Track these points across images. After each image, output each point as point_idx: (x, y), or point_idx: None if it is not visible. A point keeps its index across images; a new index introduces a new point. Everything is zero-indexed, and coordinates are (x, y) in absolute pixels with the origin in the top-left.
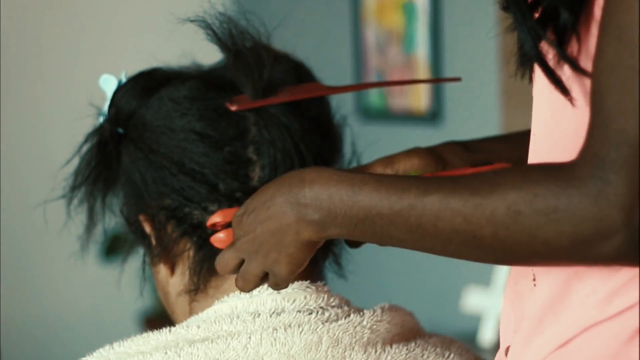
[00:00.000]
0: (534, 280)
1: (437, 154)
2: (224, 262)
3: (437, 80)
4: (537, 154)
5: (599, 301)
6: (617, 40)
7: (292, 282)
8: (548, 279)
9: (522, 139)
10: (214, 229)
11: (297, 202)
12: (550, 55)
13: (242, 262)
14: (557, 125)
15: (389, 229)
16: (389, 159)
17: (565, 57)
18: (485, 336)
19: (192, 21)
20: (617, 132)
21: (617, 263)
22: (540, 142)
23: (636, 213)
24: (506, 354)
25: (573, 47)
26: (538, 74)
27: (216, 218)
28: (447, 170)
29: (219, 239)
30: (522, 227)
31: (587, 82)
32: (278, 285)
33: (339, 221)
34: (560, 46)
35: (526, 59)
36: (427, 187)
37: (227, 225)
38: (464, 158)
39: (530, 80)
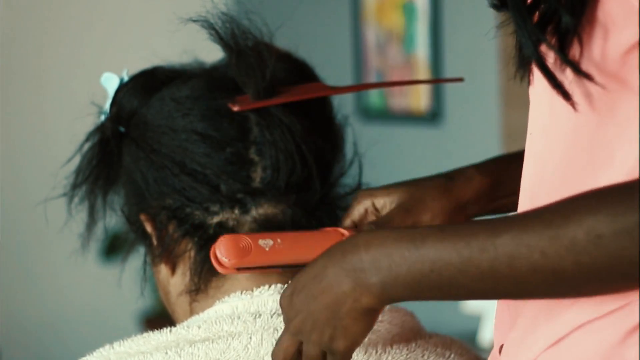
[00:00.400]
0: None
1: (492, 175)
2: (281, 350)
3: (438, 80)
4: (534, 153)
5: (592, 300)
6: None
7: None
8: None
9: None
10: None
11: (353, 269)
12: (550, 58)
13: (301, 345)
14: (555, 125)
15: (458, 280)
16: (447, 185)
17: (568, 61)
18: (485, 336)
19: (194, 21)
20: None
21: None
22: (537, 141)
23: None
24: (500, 352)
25: (575, 50)
26: (537, 74)
27: (221, 254)
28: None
29: (222, 271)
30: (606, 250)
31: (589, 85)
32: None
33: (401, 280)
34: (562, 50)
35: (525, 62)
36: (496, 228)
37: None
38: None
39: (529, 82)
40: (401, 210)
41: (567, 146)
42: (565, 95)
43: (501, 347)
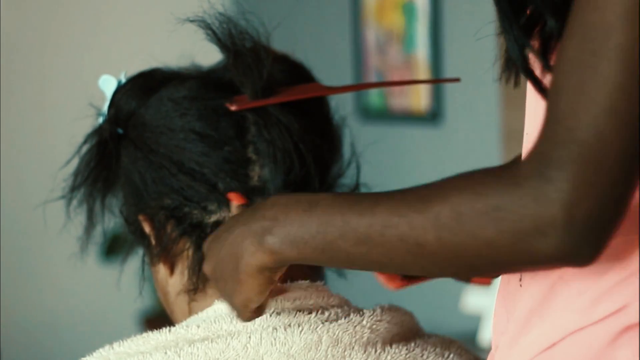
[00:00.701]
0: (520, 280)
1: None
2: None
3: (436, 80)
4: None
5: (584, 306)
6: (580, 39)
7: (254, 316)
8: (534, 281)
9: None
10: None
11: (255, 225)
12: (536, 61)
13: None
14: None
15: (337, 243)
16: None
17: (550, 67)
18: (485, 336)
19: (191, 21)
20: (566, 131)
21: (558, 263)
22: (533, 141)
23: (578, 212)
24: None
25: None
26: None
27: None
28: None
29: None
30: (465, 228)
31: None
32: (237, 317)
33: (291, 238)
34: (545, 55)
35: (511, 64)
36: (379, 197)
37: None
38: None
39: (516, 84)
40: None
41: None
42: None
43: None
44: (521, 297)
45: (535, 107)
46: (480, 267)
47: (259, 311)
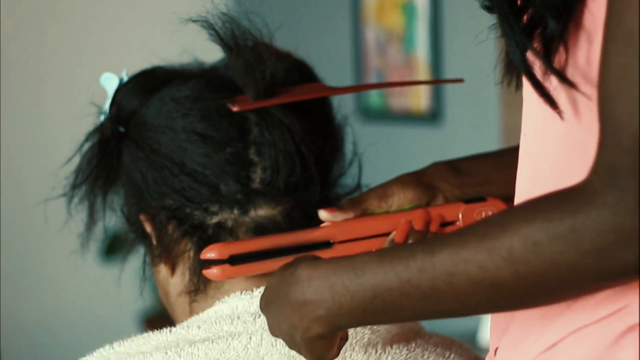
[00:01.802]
0: None
1: (427, 182)
2: None
3: (440, 81)
4: (528, 154)
5: (586, 305)
6: (626, 44)
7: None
8: None
9: (512, 158)
10: (208, 260)
11: (298, 302)
12: (537, 65)
13: None
14: (548, 127)
15: (401, 303)
16: (383, 192)
17: (552, 69)
18: (485, 336)
19: (194, 21)
20: (630, 137)
21: None
22: (531, 143)
23: None
24: (495, 355)
25: (561, 57)
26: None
27: (210, 254)
28: (438, 204)
29: (213, 274)
30: (543, 257)
31: (575, 91)
32: None
33: (346, 309)
34: (547, 57)
35: (512, 67)
36: (433, 247)
37: (221, 262)
38: (454, 183)
39: (517, 87)
40: (376, 195)
41: (560, 148)
42: (552, 104)
43: (496, 349)
44: (518, 312)
45: (532, 109)
46: (561, 294)
47: (340, 347)
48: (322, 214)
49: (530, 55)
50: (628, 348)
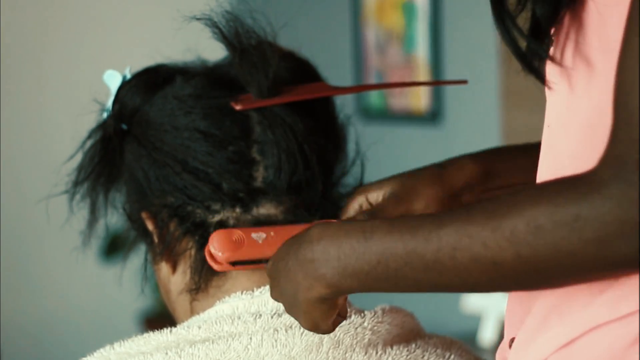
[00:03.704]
0: None
1: (486, 164)
2: None
3: (443, 82)
4: (551, 146)
5: (606, 302)
6: None
7: (332, 329)
8: None
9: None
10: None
11: (305, 259)
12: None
13: None
14: (571, 117)
15: (403, 271)
16: (439, 173)
17: (549, 57)
18: (485, 336)
19: (198, 19)
20: None
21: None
22: (555, 133)
23: None
24: (510, 346)
25: (569, 41)
26: (549, 65)
27: (214, 249)
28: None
29: (217, 268)
30: (544, 242)
31: (592, 72)
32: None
33: (350, 271)
34: (541, 44)
35: (529, 59)
36: (442, 220)
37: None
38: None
39: (543, 82)
40: (393, 199)
41: (584, 138)
42: (545, 83)
43: (511, 340)
44: (541, 293)
45: (557, 99)
46: (560, 279)
47: (335, 323)
48: None
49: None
50: None
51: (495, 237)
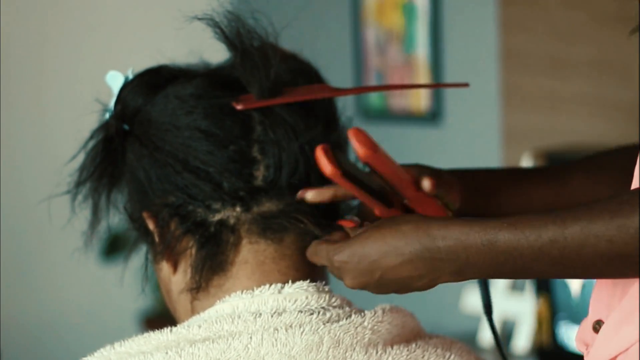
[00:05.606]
0: None
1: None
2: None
3: (443, 85)
4: None
5: None
6: None
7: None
8: None
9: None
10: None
11: (432, 257)
12: None
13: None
14: None
15: (530, 267)
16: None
17: None
18: (485, 336)
19: (200, 19)
20: None
21: None
22: None
23: None
24: (593, 328)
25: None
26: None
27: (356, 140)
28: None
29: (328, 172)
30: None
31: None
32: None
33: (477, 268)
34: None
35: None
36: (565, 220)
37: None
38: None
39: None
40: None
41: None
42: None
43: (595, 322)
44: (631, 287)
45: None
46: None
47: None
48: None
49: None
50: None
51: (620, 234)
